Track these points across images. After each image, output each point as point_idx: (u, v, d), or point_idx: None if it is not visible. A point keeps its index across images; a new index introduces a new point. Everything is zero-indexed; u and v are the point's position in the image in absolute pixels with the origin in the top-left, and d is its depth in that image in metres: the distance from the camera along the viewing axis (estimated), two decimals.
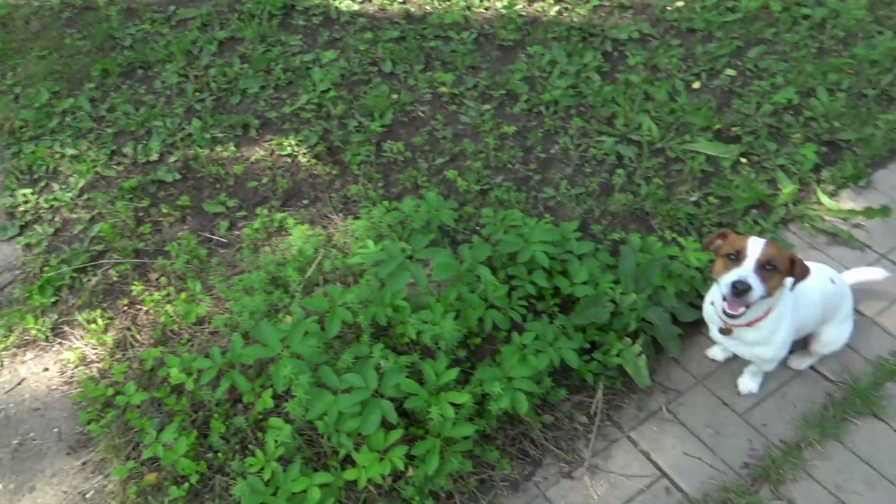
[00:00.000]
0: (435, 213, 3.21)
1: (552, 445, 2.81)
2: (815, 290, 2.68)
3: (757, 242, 2.30)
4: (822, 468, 2.67)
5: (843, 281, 2.86)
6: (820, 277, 2.73)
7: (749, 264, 2.27)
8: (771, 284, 2.29)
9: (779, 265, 2.29)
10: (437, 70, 4.62)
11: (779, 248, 2.32)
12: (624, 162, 3.93)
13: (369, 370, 2.56)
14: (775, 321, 2.51)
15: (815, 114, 4.13)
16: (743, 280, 2.23)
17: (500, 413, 2.68)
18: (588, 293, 2.93)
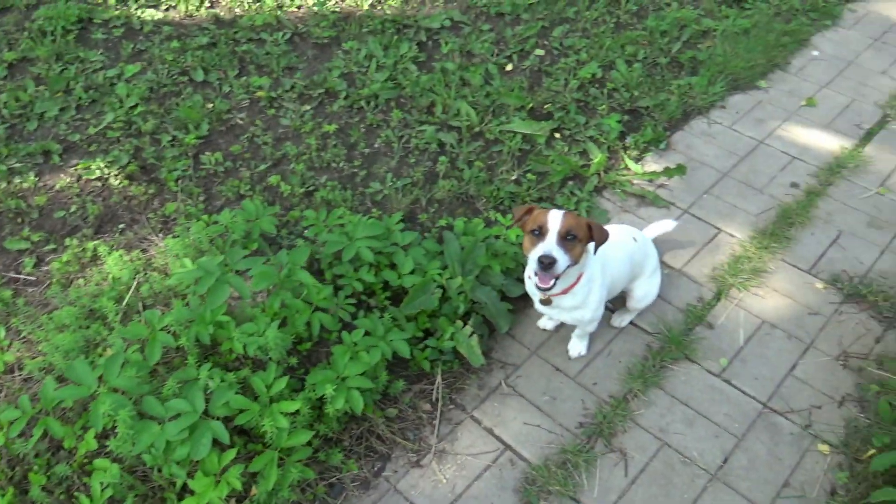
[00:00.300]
0: (255, 221, 3.12)
1: (399, 437, 2.83)
2: (620, 250, 2.85)
3: (556, 216, 2.41)
4: (647, 415, 2.86)
5: (644, 238, 3.06)
6: (623, 237, 2.91)
7: (551, 238, 2.38)
8: (574, 253, 2.42)
9: (578, 234, 2.41)
10: (253, 74, 4.49)
11: (576, 217, 2.44)
12: (446, 149, 4.00)
13: (196, 393, 2.46)
14: (587, 284, 2.65)
15: (617, 85, 4.40)
16: (547, 254, 2.34)
17: (340, 414, 2.66)
18: (416, 282, 2.96)
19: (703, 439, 2.78)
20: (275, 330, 2.57)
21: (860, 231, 3.60)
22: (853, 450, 2.70)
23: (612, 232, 2.90)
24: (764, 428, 2.81)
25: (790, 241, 3.54)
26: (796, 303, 3.26)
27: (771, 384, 2.95)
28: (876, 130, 4.21)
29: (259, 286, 2.62)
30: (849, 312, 3.22)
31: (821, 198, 3.77)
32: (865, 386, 2.90)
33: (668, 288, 3.32)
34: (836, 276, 3.36)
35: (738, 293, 3.30)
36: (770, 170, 3.96)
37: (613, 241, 2.84)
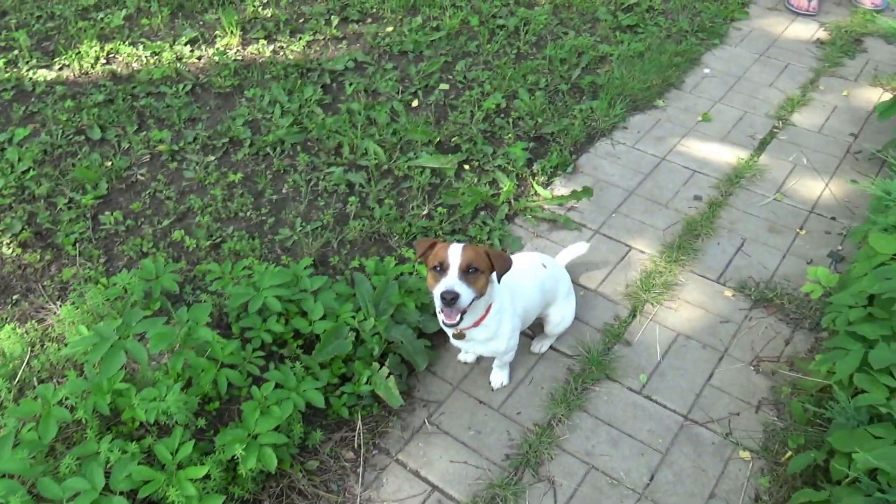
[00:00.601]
0: (155, 280, 2.99)
1: (322, 490, 2.71)
2: (529, 278, 2.85)
3: (456, 250, 2.38)
4: (572, 440, 2.84)
5: (554, 263, 3.08)
6: (531, 265, 2.91)
7: (453, 273, 2.35)
8: (478, 285, 2.39)
9: (480, 265, 2.39)
10: (153, 128, 4.37)
11: (476, 249, 2.42)
12: (355, 189, 3.96)
13: (95, 468, 2.30)
14: (497, 315, 2.63)
15: (521, 113, 4.47)
16: (449, 290, 2.30)
17: (255, 473, 2.53)
18: (327, 328, 2.88)
19: (629, 458, 2.77)
20: (177, 393, 2.44)
21: (762, 237, 3.72)
22: (772, 454, 2.73)
23: (519, 260, 2.91)
24: (687, 440, 2.82)
25: (698, 252, 3.62)
26: (708, 312, 3.33)
27: (690, 396, 2.98)
28: (768, 140, 4.39)
29: (157, 348, 2.49)
30: (758, 317, 3.30)
31: (723, 208, 3.89)
32: (778, 389, 2.96)
33: (585, 309, 3.34)
34: (744, 283, 3.45)
35: (653, 308, 3.34)
36: (673, 185, 4.06)
37: (521, 269, 2.85)
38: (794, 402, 2.79)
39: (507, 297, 2.67)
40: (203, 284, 3.36)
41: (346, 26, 5.39)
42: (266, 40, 5.18)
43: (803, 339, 3.19)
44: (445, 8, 5.53)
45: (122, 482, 2.32)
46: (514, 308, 2.73)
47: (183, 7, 5.55)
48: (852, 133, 4.43)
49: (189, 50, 5.06)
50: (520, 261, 2.94)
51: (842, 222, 3.80)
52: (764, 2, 5.87)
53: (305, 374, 2.78)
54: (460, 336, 2.67)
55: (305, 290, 3.04)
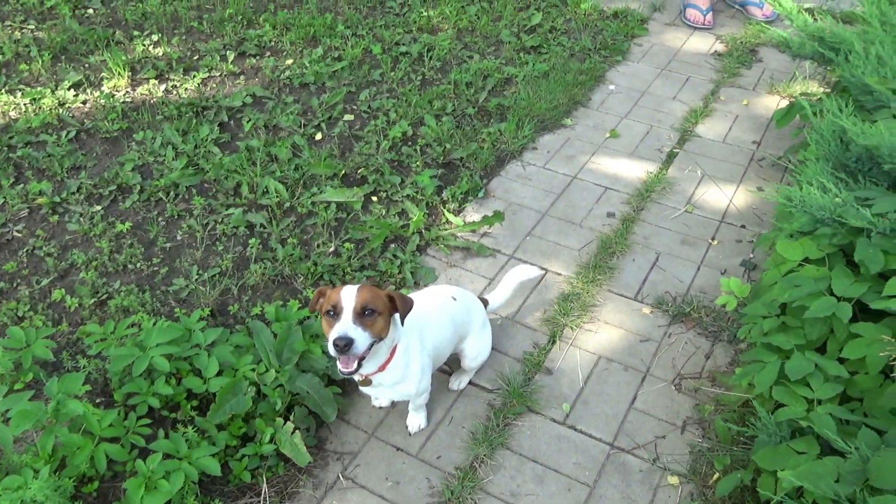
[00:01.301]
0: (25, 349, 2.68)
1: None
2: (439, 313, 2.69)
3: (349, 292, 2.21)
4: (496, 481, 2.67)
5: (465, 294, 2.92)
6: (439, 299, 2.76)
7: (347, 317, 2.17)
8: (375, 328, 2.21)
9: (377, 306, 2.21)
10: (32, 180, 4.03)
11: (372, 289, 2.25)
12: (256, 230, 3.73)
13: None
14: (404, 356, 2.45)
15: (429, 140, 4.35)
16: (342, 335, 2.12)
17: None
18: (223, 384, 2.63)
19: (556, 495, 2.62)
20: (45, 478, 2.15)
21: (676, 250, 3.67)
22: (700, 476, 2.63)
23: (427, 295, 2.75)
24: (614, 470, 2.69)
25: (613, 270, 3.55)
26: (628, 332, 3.24)
27: (615, 422, 2.86)
28: (675, 153, 4.40)
29: (20, 428, 2.20)
30: (677, 333, 3.23)
31: (636, 223, 3.84)
32: (701, 406, 2.87)
33: (503, 338, 3.20)
34: (661, 299, 3.38)
35: (572, 332, 3.23)
36: (586, 203, 4.00)
37: (429, 304, 2.69)
38: (717, 420, 2.70)
39: (415, 335, 2.50)
40: (85, 348, 3.05)
41: (244, 61, 5.18)
42: (157, 80, 4.92)
43: (723, 352, 3.13)
44: (347, 38, 5.39)
45: None
46: (424, 347, 2.56)
47: (66, 50, 5.23)
48: (755, 141, 4.49)
49: (73, 94, 4.74)
50: (427, 295, 2.78)
51: (751, 230, 3.80)
52: (662, 18, 5.98)
53: (200, 438, 2.53)
54: (366, 382, 2.48)
55: (199, 345, 2.79)
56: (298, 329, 2.88)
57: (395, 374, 2.46)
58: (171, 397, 2.69)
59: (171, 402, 2.73)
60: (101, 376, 2.90)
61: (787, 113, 3.98)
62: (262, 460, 2.64)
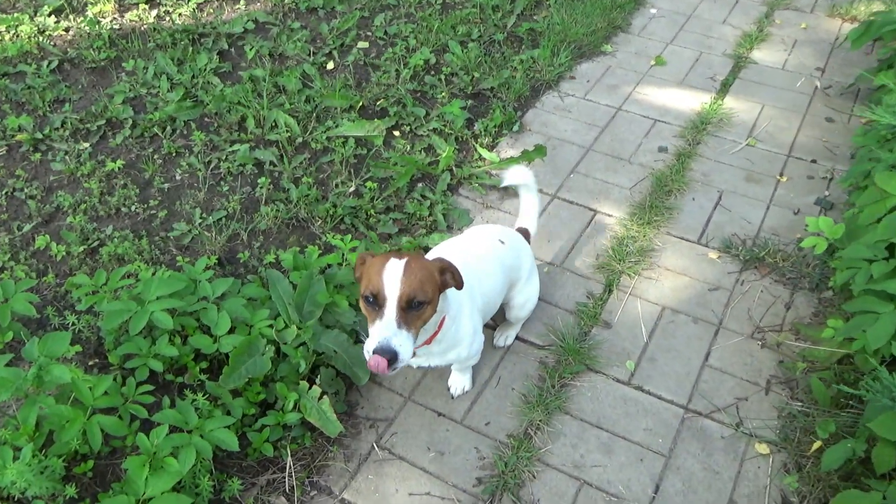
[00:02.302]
0: (4, 304, 2.28)
1: None
2: (489, 262, 2.27)
3: (394, 273, 1.71)
4: (556, 451, 2.31)
5: (512, 235, 2.50)
6: (486, 244, 2.34)
7: (389, 315, 1.69)
8: (423, 320, 1.76)
9: (427, 294, 1.73)
10: (10, 115, 3.57)
11: (423, 265, 1.76)
12: (266, 168, 3.30)
13: None
14: (453, 323, 2.03)
15: (454, 68, 3.88)
16: (384, 346, 1.66)
17: None
18: (237, 344, 2.24)
19: (627, 466, 2.26)
20: (27, 458, 1.77)
21: (740, 187, 3.26)
22: (794, 444, 2.26)
23: (473, 239, 2.34)
24: (692, 437, 2.33)
25: (672, 210, 3.13)
26: (693, 279, 2.84)
27: (687, 381, 2.49)
28: (730, 81, 3.94)
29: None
30: (751, 281, 2.83)
31: (692, 159, 3.41)
32: (789, 364, 2.49)
33: (551, 287, 2.81)
34: (729, 242, 2.98)
35: (630, 280, 2.84)
36: (634, 137, 3.56)
37: (476, 251, 2.27)
38: (813, 380, 2.32)
39: (464, 293, 2.08)
40: (74, 302, 2.65)
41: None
42: (147, 4, 4.41)
43: (805, 302, 2.74)
44: None
45: None
46: (474, 302, 2.15)
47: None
48: (818, 67, 4.03)
49: (54, 21, 4.24)
50: (471, 240, 2.37)
51: (823, 164, 3.37)
52: None
53: (213, 407, 2.15)
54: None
55: (206, 297, 2.39)
56: (321, 279, 2.47)
57: (444, 343, 2.05)
58: (175, 359, 2.30)
59: (176, 364, 2.34)
60: (94, 335, 2.50)
61: (865, 32, 3.52)
62: (285, 430, 2.26)
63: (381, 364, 1.67)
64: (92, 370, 2.38)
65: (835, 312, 2.60)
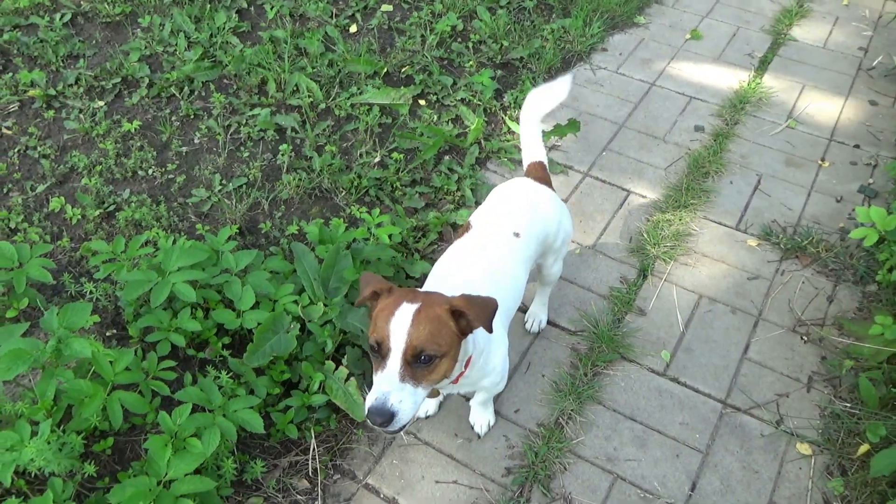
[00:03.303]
0: (18, 269, 2.17)
1: None
2: (505, 268, 1.94)
3: (401, 321, 1.49)
4: (588, 442, 2.22)
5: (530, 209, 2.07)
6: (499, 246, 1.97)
7: (393, 368, 1.48)
8: (435, 377, 1.54)
9: (440, 347, 1.50)
10: (22, 69, 3.43)
11: (434, 314, 1.52)
12: (287, 134, 3.17)
13: None
14: (480, 357, 1.79)
15: (482, 36, 3.72)
16: (378, 408, 1.45)
17: None
18: (261, 320, 2.14)
19: (662, 462, 2.18)
20: (46, 434, 1.68)
21: (780, 172, 3.13)
22: (838, 445, 2.18)
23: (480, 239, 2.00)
24: (730, 433, 2.24)
25: (709, 193, 3.01)
26: (732, 267, 2.74)
27: (725, 375, 2.40)
28: (769, 58, 3.78)
29: (11, 373, 1.72)
30: (791, 270, 2.72)
31: (730, 139, 3.28)
32: (834, 361, 2.40)
33: (584, 271, 2.70)
34: (768, 229, 2.87)
35: (665, 265, 2.73)
36: (669, 114, 3.42)
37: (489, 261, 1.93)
38: (862, 380, 2.22)
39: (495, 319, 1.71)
40: (91, 269, 2.55)
41: None
42: None
43: (849, 295, 2.64)
44: None
45: None
46: (503, 324, 1.92)
47: None
48: (861, 47, 3.86)
49: None
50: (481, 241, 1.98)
51: (867, 150, 3.24)
52: None
53: (236, 385, 2.06)
54: (434, 394, 1.88)
55: (229, 270, 2.28)
56: (347, 254, 2.37)
57: (472, 378, 1.85)
58: (197, 333, 2.21)
59: (198, 339, 2.25)
60: (112, 304, 2.41)
61: None
62: (309, 412, 2.18)
63: (376, 422, 1.48)
64: (110, 341, 2.29)
65: (881, 308, 2.50)
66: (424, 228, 2.79)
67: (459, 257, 1.96)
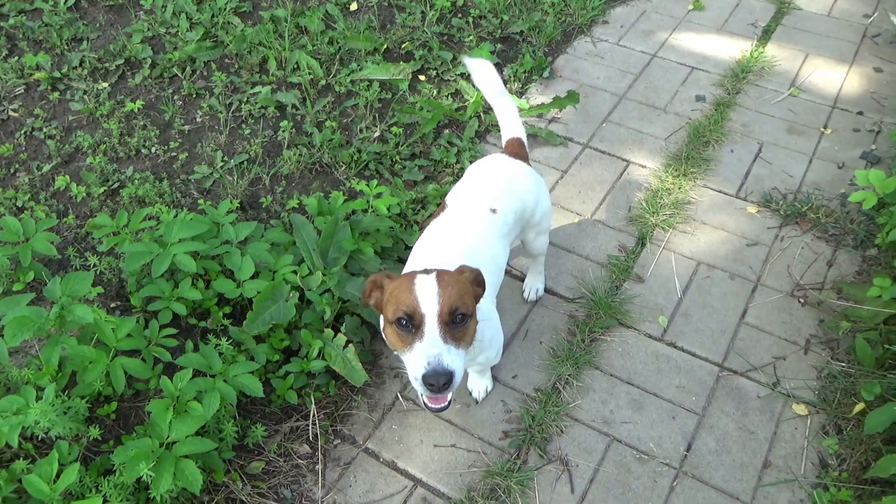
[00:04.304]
0: (23, 243, 2.23)
1: (272, 499, 2.08)
2: (486, 243, 1.96)
3: (428, 287, 1.52)
4: (585, 406, 2.25)
5: (506, 186, 2.09)
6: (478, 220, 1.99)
7: (433, 333, 1.50)
8: (469, 336, 1.58)
9: (468, 304, 1.56)
10: (27, 52, 3.48)
11: (456, 276, 1.60)
12: (288, 111, 3.20)
13: None
14: (480, 329, 1.75)
15: (482, 11, 3.72)
16: (438, 369, 1.46)
17: (177, 492, 1.87)
18: (261, 289, 2.18)
19: (658, 424, 2.20)
20: (51, 398, 1.74)
21: (782, 140, 3.12)
22: (834, 406, 2.19)
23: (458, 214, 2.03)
24: (726, 396, 2.26)
25: (709, 162, 3.01)
26: (731, 234, 2.74)
27: (723, 339, 2.41)
28: (773, 27, 3.75)
29: (16, 339, 1.77)
30: (791, 236, 2.72)
31: (731, 108, 3.27)
32: (831, 323, 2.40)
33: (582, 240, 2.71)
34: (768, 196, 2.86)
35: (664, 233, 2.74)
36: (670, 85, 3.41)
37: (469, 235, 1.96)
38: (858, 340, 2.23)
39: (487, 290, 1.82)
40: (95, 244, 2.60)
41: None
42: None
43: (848, 260, 2.63)
44: None
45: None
46: (491, 295, 1.95)
47: None
48: (866, 14, 3.82)
49: None
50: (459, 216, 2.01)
51: (870, 117, 3.22)
52: None
53: (236, 352, 2.10)
54: None
55: (229, 241, 2.32)
56: (346, 225, 2.40)
57: (471, 353, 1.82)
58: (198, 303, 2.26)
59: (199, 308, 2.30)
60: (115, 277, 2.46)
61: None
62: (309, 378, 2.22)
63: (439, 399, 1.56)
64: (114, 312, 2.34)
65: (881, 271, 2.49)
66: (423, 201, 2.81)
67: (437, 237, 1.97)
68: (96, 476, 1.85)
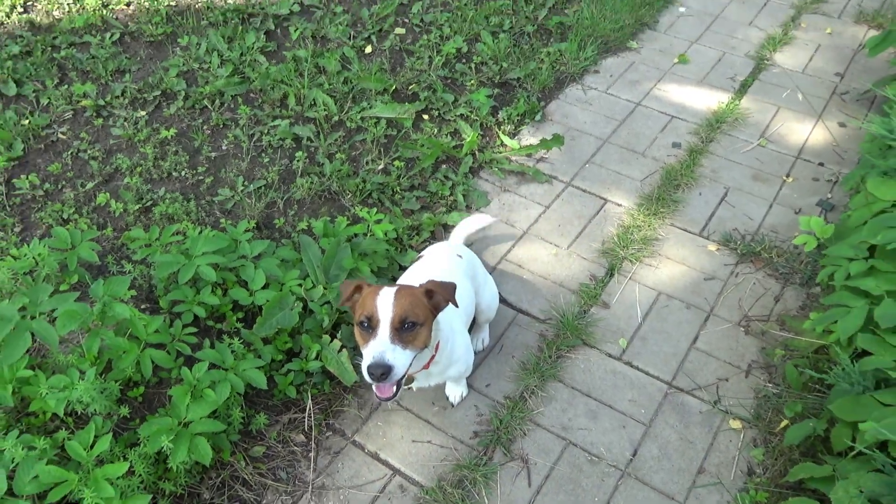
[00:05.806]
0: (71, 250, 2.61)
1: (269, 479, 2.41)
2: (457, 276, 2.41)
3: (387, 299, 1.88)
4: (547, 413, 2.57)
5: (462, 247, 2.73)
6: (448, 261, 2.52)
7: (383, 334, 1.85)
8: (417, 343, 1.91)
9: (419, 316, 1.90)
10: (76, 82, 3.91)
11: (412, 292, 1.94)
12: (303, 143, 3.59)
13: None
14: (447, 344, 2.20)
15: (484, 58, 4.10)
16: (377, 362, 1.81)
17: (190, 465, 2.21)
18: (270, 298, 2.54)
19: (610, 431, 2.51)
20: (91, 378, 2.09)
21: (747, 186, 3.44)
22: (765, 423, 2.49)
23: (434, 260, 2.53)
24: (672, 410, 2.57)
25: (678, 203, 3.34)
26: (691, 269, 3.06)
27: (674, 361, 2.72)
28: (750, 82, 4.10)
29: (66, 329, 2.13)
30: (745, 273, 3.04)
31: (704, 155, 3.60)
32: (770, 350, 2.71)
33: (557, 269, 3.05)
34: (728, 236, 3.18)
35: (631, 266, 3.06)
36: (650, 132, 3.76)
37: (444, 269, 2.44)
38: (788, 366, 2.54)
39: (454, 313, 2.24)
40: (130, 254, 2.98)
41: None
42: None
43: (794, 296, 2.94)
44: None
45: (28, 485, 1.99)
46: (461, 319, 2.34)
47: None
48: (838, 73, 4.16)
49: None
50: (435, 261, 2.52)
51: (830, 168, 3.54)
52: None
53: (246, 351, 2.45)
54: (409, 380, 2.24)
55: (245, 256, 2.69)
56: (347, 246, 2.76)
57: (441, 364, 2.22)
58: (216, 307, 2.62)
59: (217, 312, 2.66)
60: (146, 283, 2.83)
61: (883, 41, 3.64)
62: (307, 377, 2.57)
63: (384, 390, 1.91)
64: (144, 312, 2.70)
65: (819, 307, 2.80)
66: (419, 227, 3.16)
67: (420, 272, 2.38)
68: (124, 448, 2.19)
